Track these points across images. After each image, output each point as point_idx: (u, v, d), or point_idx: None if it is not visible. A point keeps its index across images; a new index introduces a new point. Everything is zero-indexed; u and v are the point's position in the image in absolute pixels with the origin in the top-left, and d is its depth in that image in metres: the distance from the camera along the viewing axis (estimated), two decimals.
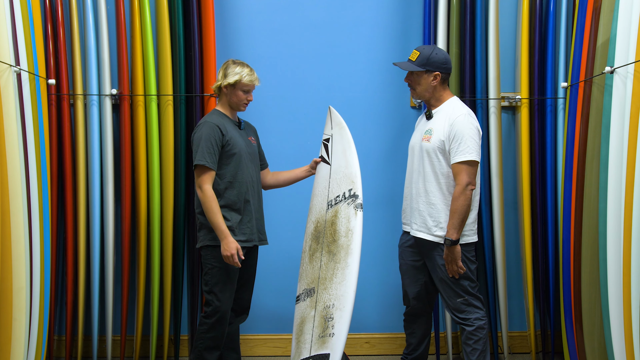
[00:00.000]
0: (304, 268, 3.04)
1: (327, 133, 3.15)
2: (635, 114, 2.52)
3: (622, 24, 2.67)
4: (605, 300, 2.70)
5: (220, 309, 2.89)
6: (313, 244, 3.00)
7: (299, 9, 3.62)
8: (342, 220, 2.89)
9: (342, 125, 3.08)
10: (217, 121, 2.90)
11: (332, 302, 2.82)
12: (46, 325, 3.08)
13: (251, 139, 3.06)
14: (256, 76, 2.98)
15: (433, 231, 2.88)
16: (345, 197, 2.92)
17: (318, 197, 3.06)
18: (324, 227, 2.97)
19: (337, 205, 2.95)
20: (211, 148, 2.84)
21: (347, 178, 2.95)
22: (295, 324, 2.99)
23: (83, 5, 3.38)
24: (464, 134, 2.78)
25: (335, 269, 2.86)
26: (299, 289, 3.06)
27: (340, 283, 2.79)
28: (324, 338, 2.79)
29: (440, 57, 2.87)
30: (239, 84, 2.92)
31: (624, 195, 2.56)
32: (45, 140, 3.07)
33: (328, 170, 3.06)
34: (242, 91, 2.94)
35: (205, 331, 2.92)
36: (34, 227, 2.87)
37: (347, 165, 2.98)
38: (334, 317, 2.78)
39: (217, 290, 2.89)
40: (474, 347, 2.88)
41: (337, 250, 2.87)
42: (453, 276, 2.86)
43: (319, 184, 3.10)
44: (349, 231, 2.84)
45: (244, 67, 2.95)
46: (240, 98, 2.95)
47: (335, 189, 3.00)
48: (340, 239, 2.87)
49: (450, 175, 2.84)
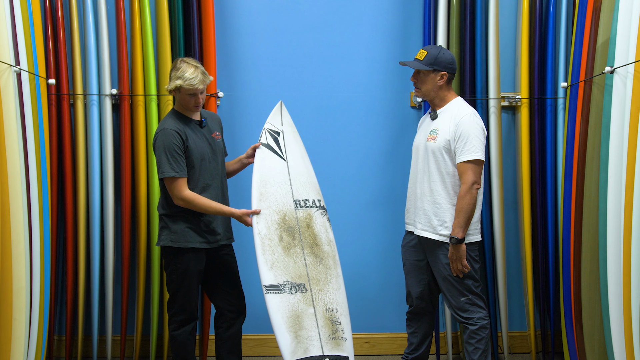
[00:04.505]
0: (276, 257, 2.91)
1: (276, 125, 3.09)
2: (635, 114, 2.52)
3: (622, 24, 2.67)
4: (605, 300, 2.70)
5: (187, 309, 2.91)
6: (286, 236, 2.94)
7: (299, 9, 3.62)
8: (319, 228, 2.99)
9: (293, 127, 3.12)
10: (176, 126, 2.81)
11: (334, 307, 2.91)
12: (46, 325, 3.08)
13: (215, 134, 2.99)
14: (200, 78, 2.77)
15: (438, 230, 2.88)
16: (316, 206, 3.02)
17: (274, 187, 2.98)
18: (296, 224, 2.97)
19: (309, 209, 3.00)
20: (176, 155, 2.77)
21: (313, 187, 3.05)
22: (284, 315, 2.88)
23: (83, 5, 3.38)
24: (470, 133, 2.79)
25: (328, 274, 2.95)
26: (275, 278, 2.91)
27: (338, 290, 2.94)
28: (336, 340, 2.89)
29: (447, 57, 2.89)
30: (182, 89, 2.79)
31: (624, 195, 2.56)
32: (45, 140, 3.07)
33: (284, 166, 3.04)
34: (188, 95, 2.80)
35: (176, 329, 2.93)
36: (34, 227, 2.87)
37: (308, 174, 3.06)
38: (341, 322, 2.91)
39: (181, 291, 2.89)
40: (477, 347, 2.89)
41: (324, 256, 2.96)
42: (457, 275, 2.87)
43: (270, 173, 3.01)
44: (330, 242, 3.01)
45: (185, 70, 2.77)
46: (187, 102, 2.82)
47: (300, 190, 3.01)
48: (323, 245, 2.98)
49: (456, 175, 2.85)
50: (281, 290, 2.92)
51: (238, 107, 3.62)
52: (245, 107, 3.61)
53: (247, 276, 3.28)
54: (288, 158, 3.05)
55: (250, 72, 3.61)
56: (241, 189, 3.37)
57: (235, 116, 3.61)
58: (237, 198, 3.45)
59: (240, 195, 3.39)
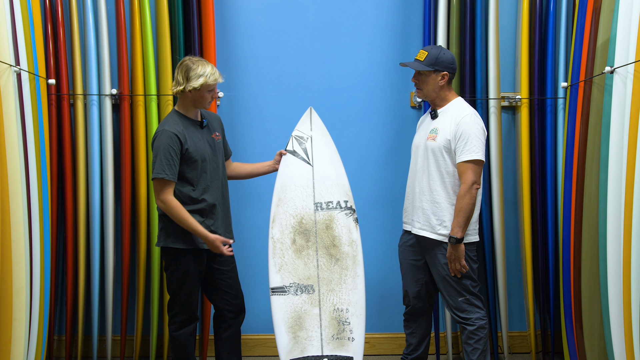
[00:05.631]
0: (285, 260, 3.00)
1: (304, 132, 3.14)
2: (635, 114, 2.52)
3: (622, 24, 2.67)
4: (605, 300, 2.70)
5: (187, 309, 2.91)
6: (299, 239, 3.01)
7: (299, 9, 3.62)
8: (341, 229, 3.03)
9: (325, 132, 3.14)
10: (176, 129, 2.81)
11: (345, 307, 2.97)
12: (46, 325, 3.08)
13: (215, 134, 2.99)
14: (219, 72, 2.86)
15: (437, 230, 2.88)
16: (341, 207, 3.05)
17: (295, 192, 3.05)
18: (313, 227, 3.02)
19: (331, 211, 3.04)
20: (170, 159, 2.77)
21: (341, 188, 3.08)
22: (285, 316, 2.96)
23: (83, 5, 3.38)
24: (470, 133, 2.80)
25: (343, 274, 2.99)
26: (281, 280, 3.01)
27: (353, 290, 2.99)
28: (341, 340, 2.94)
29: (447, 57, 2.90)
30: (204, 87, 2.81)
31: (624, 195, 2.56)
32: (45, 140, 3.07)
33: (309, 170, 3.08)
34: (207, 91, 2.84)
35: (176, 329, 2.93)
36: (34, 227, 2.87)
37: (338, 176, 3.10)
38: (350, 322, 2.95)
39: (182, 292, 2.89)
40: (475, 347, 2.89)
41: (341, 257, 3.00)
42: (455, 275, 2.87)
43: (292, 178, 3.07)
44: (353, 242, 3.03)
45: (205, 66, 2.82)
46: (205, 99, 2.86)
47: (324, 193, 3.06)
48: (342, 246, 3.01)
49: (455, 175, 2.85)
50: (286, 291, 2.99)
51: (238, 107, 3.62)
52: (245, 107, 3.61)
53: (249, 277, 3.29)
54: (314, 162, 3.09)
55: (250, 72, 3.61)
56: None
57: (235, 116, 3.61)
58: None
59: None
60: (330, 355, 2.90)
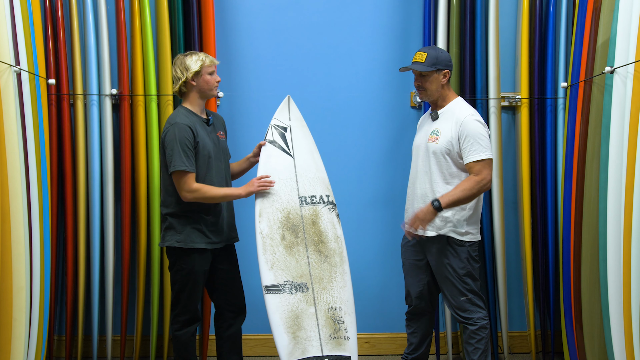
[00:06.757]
0: (277, 257, 2.92)
1: (283, 121, 3.08)
2: (635, 114, 2.52)
3: (622, 24, 2.67)
4: (605, 300, 2.70)
5: (190, 309, 2.91)
6: (288, 235, 2.94)
7: (299, 9, 3.62)
8: (326, 224, 2.98)
9: (302, 122, 3.09)
10: (187, 121, 2.82)
11: (338, 305, 2.92)
12: (46, 325, 3.08)
13: (219, 133, 3.00)
14: (212, 57, 2.95)
15: (439, 228, 2.88)
16: (324, 202, 3.01)
17: (279, 184, 2.97)
18: (301, 222, 2.96)
19: (316, 205, 2.99)
20: (188, 151, 2.78)
21: (322, 182, 3.03)
22: (282, 316, 2.89)
23: (83, 5, 3.38)
24: (477, 133, 2.80)
25: (332, 272, 2.95)
26: (275, 278, 2.92)
27: (343, 288, 2.94)
28: (338, 340, 2.90)
29: (446, 55, 2.92)
30: (204, 69, 2.86)
31: (624, 195, 2.56)
32: (45, 140, 3.07)
33: (290, 162, 3.03)
34: (209, 74, 2.89)
35: (179, 329, 2.93)
36: (34, 227, 2.87)
37: (317, 169, 3.05)
38: (344, 321, 2.91)
39: (185, 292, 2.89)
40: (476, 347, 2.89)
41: (329, 254, 2.96)
42: (458, 274, 2.86)
43: (275, 170, 2.99)
44: (338, 238, 2.99)
45: (198, 53, 2.90)
46: (210, 82, 2.90)
47: (307, 186, 3.01)
48: (329, 242, 2.97)
49: (457, 175, 2.85)
50: (281, 290, 2.92)
51: (238, 107, 3.62)
52: (245, 107, 3.62)
53: (247, 276, 3.28)
54: (295, 154, 3.04)
55: (250, 72, 3.61)
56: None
57: (235, 116, 3.61)
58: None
59: None
60: (330, 356, 2.89)
